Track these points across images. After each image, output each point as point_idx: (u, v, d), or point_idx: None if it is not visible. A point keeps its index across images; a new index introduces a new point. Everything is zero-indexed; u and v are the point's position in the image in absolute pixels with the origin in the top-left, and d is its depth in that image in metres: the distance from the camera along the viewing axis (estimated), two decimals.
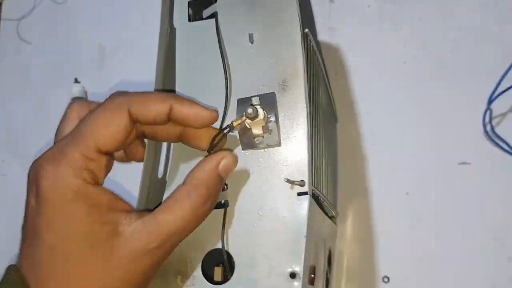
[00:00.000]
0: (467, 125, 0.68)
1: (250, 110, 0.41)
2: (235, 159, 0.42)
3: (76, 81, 0.84)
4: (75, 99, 0.83)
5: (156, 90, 0.48)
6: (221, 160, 0.40)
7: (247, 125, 0.42)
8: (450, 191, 0.68)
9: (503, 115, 0.68)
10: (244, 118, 0.41)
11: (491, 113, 0.62)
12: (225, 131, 0.42)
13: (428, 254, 0.66)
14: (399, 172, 0.70)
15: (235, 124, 0.41)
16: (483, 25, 0.72)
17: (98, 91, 0.85)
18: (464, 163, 0.68)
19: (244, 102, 0.45)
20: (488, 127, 0.65)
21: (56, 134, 0.42)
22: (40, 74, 0.89)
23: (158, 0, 0.50)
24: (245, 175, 0.44)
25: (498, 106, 0.66)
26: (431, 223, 0.67)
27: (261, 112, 0.42)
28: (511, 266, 0.64)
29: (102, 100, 0.40)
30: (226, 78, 0.46)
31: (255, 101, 0.44)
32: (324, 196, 0.50)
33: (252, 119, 0.41)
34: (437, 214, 0.67)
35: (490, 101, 0.59)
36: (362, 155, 0.72)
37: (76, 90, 0.83)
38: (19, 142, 0.87)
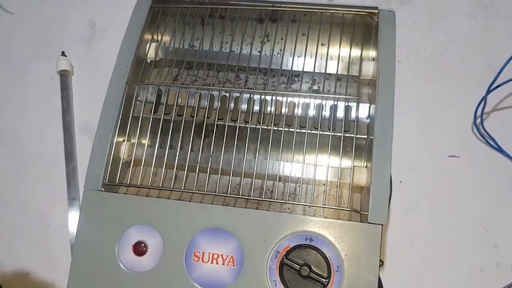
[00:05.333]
0: (457, 121, 0.73)
1: None
2: None
3: (63, 54, 0.81)
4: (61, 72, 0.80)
5: None
6: None
7: None
8: (440, 181, 0.71)
9: (489, 113, 0.73)
10: None
11: (485, 104, 0.67)
12: None
13: (420, 240, 0.68)
14: (393, 162, 0.72)
15: None
16: (470, 31, 0.78)
17: (84, 67, 0.82)
18: (453, 156, 0.72)
19: None
20: (478, 121, 0.70)
21: None
22: (22, 46, 0.84)
23: None
24: None
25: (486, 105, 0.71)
26: (423, 210, 0.70)
27: None
28: (498, 252, 0.67)
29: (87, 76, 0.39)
30: None
31: None
32: None
33: None
34: (428, 202, 0.70)
35: (489, 91, 0.64)
36: None
37: (62, 64, 0.80)
38: None
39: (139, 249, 0.54)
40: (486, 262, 0.67)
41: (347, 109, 0.61)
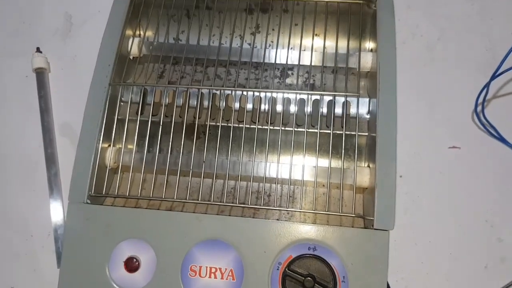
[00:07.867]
0: (456, 110, 0.70)
1: None
2: None
3: (38, 50, 0.75)
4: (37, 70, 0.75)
5: None
6: None
7: None
8: (441, 174, 0.68)
9: (489, 101, 0.70)
10: None
11: (487, 91, 0.63)
12: None
13: (423, 237, 0.66)
14: None
15: None
16: (467, 15, 0.74)
17: (62, 63, 0.77)
18: (454, 147, 0.69)
19: None
20: (479, 108, 0.67)
21: None
22: None
23: None
24: None
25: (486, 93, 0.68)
26: (424, 206, 0.67)
27: None
28: (502, 247, 0.65)
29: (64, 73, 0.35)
30: None
31: None
32: None
33: None
34: (429, 197, 0.67)
35: (493, 78, 0.60)
36: None
37: (38, 61, 0.75)
38: None
39: (131, 265, 0.50)
40: (491, 257, 0.65)
41: (346, 105, 0.58)
